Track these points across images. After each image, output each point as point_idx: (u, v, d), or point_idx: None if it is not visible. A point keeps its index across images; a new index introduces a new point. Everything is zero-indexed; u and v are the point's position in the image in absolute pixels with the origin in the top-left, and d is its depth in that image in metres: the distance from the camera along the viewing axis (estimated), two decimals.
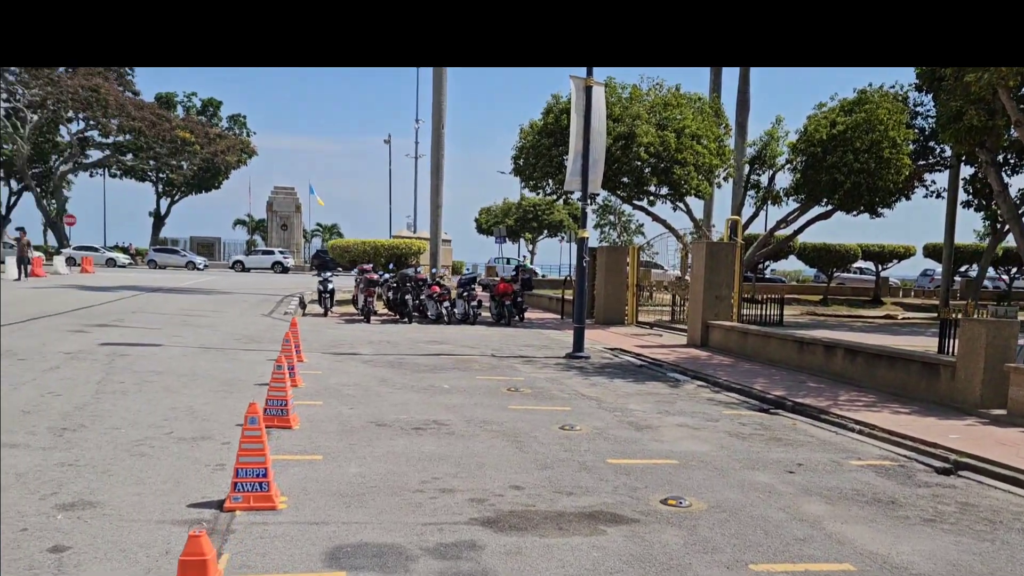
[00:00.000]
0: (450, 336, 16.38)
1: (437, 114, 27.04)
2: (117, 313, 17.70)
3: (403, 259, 25.41)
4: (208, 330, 15.31)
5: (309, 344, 13.72)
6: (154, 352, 11.75)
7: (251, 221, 73.74)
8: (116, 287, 26.82)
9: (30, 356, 10.70)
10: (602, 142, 14.07)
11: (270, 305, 22.47)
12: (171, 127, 62.61)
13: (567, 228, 58.50)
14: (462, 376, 10.97)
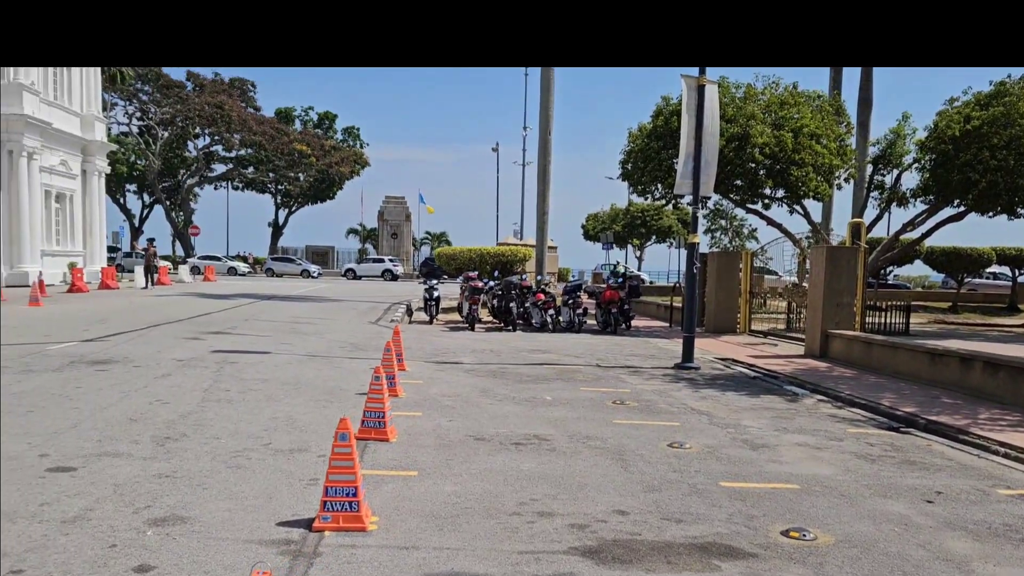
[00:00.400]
0: (554, 345, 16.04)
1: (544, 119, 26.82)
2: (232, 320, 18.24)
3: (509, 266, 25.27)
4: (315, 338, 15.51)
5: (412, 352, 13.65)
6: (261, 359, 11.92)
7: (363, 230, 75.69)
8: (234, 295, 27.82)
9: (145, 363, 11.01)
10: (715, 143, 13.44)
11: (377, 313, 22.73)
12: (289, 140, 65.07)
13: (676, 234, 57.22)
14: (565, 387, 10.60)
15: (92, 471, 5.66)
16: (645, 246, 65.15)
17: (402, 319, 21.45)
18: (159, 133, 62.60)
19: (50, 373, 9.82)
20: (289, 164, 66.00)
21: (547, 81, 26.92)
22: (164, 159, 63.25)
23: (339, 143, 73.29)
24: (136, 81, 61.11)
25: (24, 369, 10.06)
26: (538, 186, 26.66)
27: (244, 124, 63.10)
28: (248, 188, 70.22)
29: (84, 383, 9.22)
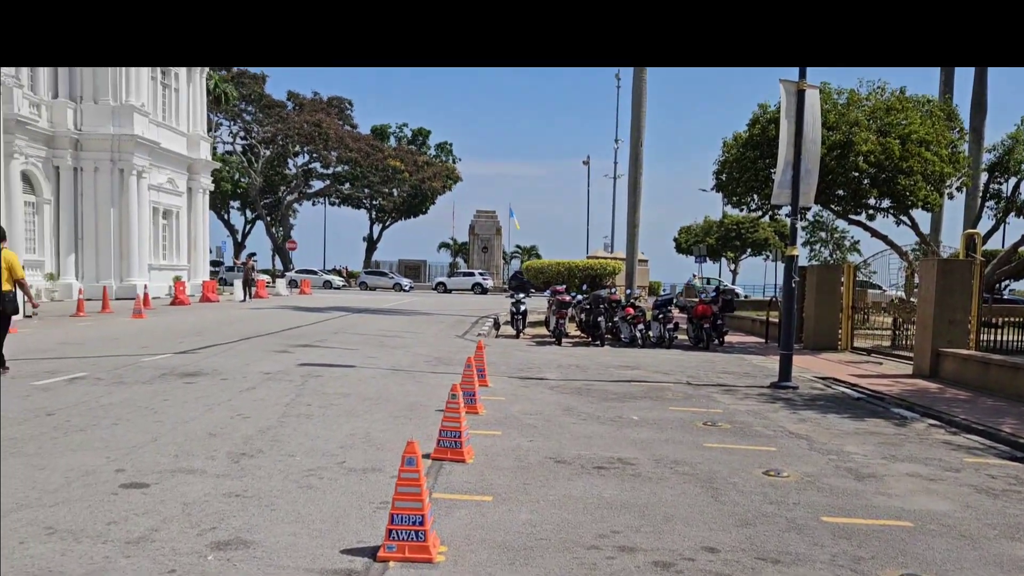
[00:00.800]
0: (643, 361, 15.53)
1: (636, 131, 26.32)
2: (321, 334, 18.45)
3: (597, 280, 24.85)
4: (401, 351, 15.48)
5: (496, 367, 13.41)
6: (346, 373, 11.89)
7: (454, 244, 76.48)
8: (326, 308, 28.32)
9: (232, 376, 11.12)
10: (816, 151, 12.72)
11: (465, 326, 22.66)
12: (383, 156, 66.43)
13: (772, 246, 55.50)
14: (653, 406, 10.13)
15: (164, 488, 5.59)
16: (740, 259, 63.43)
17: (488, 333, 21.30)
18: (261, 151, 64.89)
19: (141, 385, 10.00)
20: (383, 180, 67.35)
21: (639, 92, 26.42)
22: (265, 176, 65.50)
23: (432, 158, 74.37)
24: (240, 102, 63.55)
25: (117, 381, 10.28)
26: (629, 198, 26.14)
27: (341, 141, 64.76)
28: (344, 204, 72.01)
29: (171, 396, 9.33)
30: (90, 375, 10.60)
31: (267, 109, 64.14)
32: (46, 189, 31.13)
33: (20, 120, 28.15)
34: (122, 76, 32.44)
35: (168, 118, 37.66)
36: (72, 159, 31.82)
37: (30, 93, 29.82)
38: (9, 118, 27.55)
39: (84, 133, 31.78)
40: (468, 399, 9.02)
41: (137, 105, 32.80)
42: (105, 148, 32.29)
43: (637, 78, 26.63)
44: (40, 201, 31.06)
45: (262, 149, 65.10)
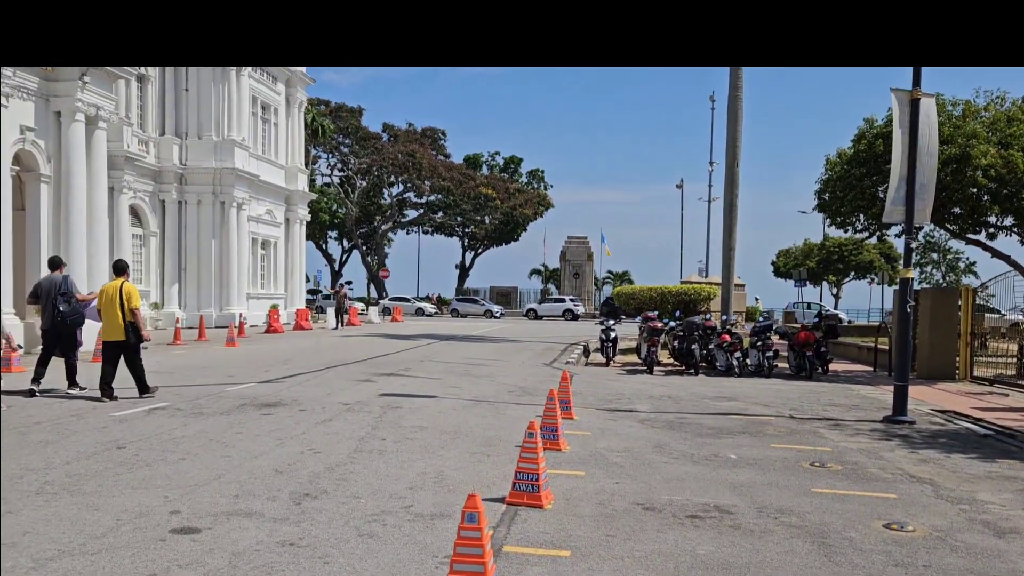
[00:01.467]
0: (741, 391, 14.57)
1: (731, 149, 25.34)
2: (407, 362, 18.20)
3: (691, 305, 23.87)
4: (486, 380, 15.01)
5: (583, 398, 12.77)
6: (426, 404, 11.48)
7: (545, 270, 76.15)
8: (415, 335, 28.25)
9: (311, 407, 10.86)
10: (932, 164, 11.65)
11: (553, 354, 22.07)
12: (475, 185, 66.93)
13: (878, 269, 52.86)
14: (753, 443, 9.29)
15: (216, 535, 5.21)
16: (842, 283, 60.69)
17: (578, 361, 20.65)
18: (357, 183, 66.38)
19: (218, 416, 9.83)
20: (475, 207, 67.78)
21: (734, 110, 25.48)
22: (361, 207, 66.90)
23: (523, 186, 74.51)
24: (337, 135, 65.25)
25: (196, 412, 10.16)
26: (724, 220, 25.12)
27: (434, 171, 65.59)
28: (437, 232, 72.85)
29: (246, 428, 9.09)
30: (171, 405, 10.53)
31: (363, 141, 65.63)
32: (152, 222, 32.33)
33: (129, 157, 29.34)
34: (224, 113, 33.55)
35: (267, 151, 38.76)
36: (177, 193, 33.00)
37: (139, 131, 31.13)
38: (118, 155, 28.79)
39: (188, 168, 32.96)
40: (550, 435, 8.44)
41: (238, 140, 33.83)
42: (207, 182, 33.40)
43: (732, 96, 25.69)
44: (147, 234, 32.27)
45: (358, 180, 66.58)
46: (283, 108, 40.49)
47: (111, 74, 20.71)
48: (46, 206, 19.28)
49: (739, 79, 25.72)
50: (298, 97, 41.46)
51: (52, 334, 11.46)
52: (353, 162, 66.67)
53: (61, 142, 19.45)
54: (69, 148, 19.43)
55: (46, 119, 19.29)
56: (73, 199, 19.49)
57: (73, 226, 19.48)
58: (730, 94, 25.85)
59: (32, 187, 19.22)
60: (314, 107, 59.77)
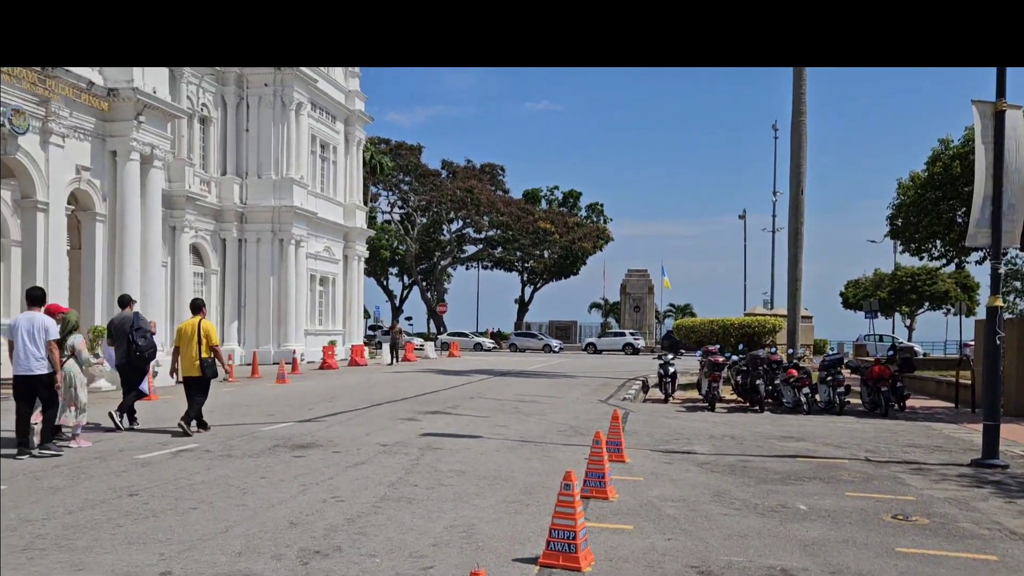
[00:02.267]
0: (810, 430, 13.52)
1: (795, 176, 24.29)
2: (456, 399, 17.61)
3: (755, 338, 22.73)
4: (536, 418, 14.29)
5: (638, 437, 11.94)
6: (468, 446, 10.82)
7: (605, 304, 75.09)
8: (469, 371, 27.67)
9: (346, 448, 10.31)
10: (1021, 181, 10.62)
11: (610, 390, 21.21)
12: (534, 219, 66.63)
13: (954, 299, 50.40)
14: (825, 491, 8.35)
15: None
16: (916, 314, 58.15)
17: (635, 397, 19.76)
18: (416, 219, 66.74)
19: (246, 459, 9.35)
20: (534, 242, 67.39)
21: (798, 135, 24.46)
22: (421, 243, 67.17)
23: (583, 219, 73.92)
24: (397, 172, 65.86)
25: (225, 454, 9.69)
26: (789, 250, 24.00)
27: (492, 206, 65.55)
28: (497, 267, 72.62)
29: (272, 472, 8.58)
30: (201, 447, 10.10)
31: (422, 178, 66.07)
32: (214, 260, 32.70)
33: (190, 196, 29.78)
34: (283, 151, 33.93)
35: (326, 189, 39.08)
36: (237, 231, 33.37)
37: (201, 171, 31.65)
38: (179, 195, 29.25)
39: (248, 206, 33.34)
40: (595, 482, 7.70)
41: (296, 178, 34.12)
42: (266, 220, 33.71)
43: (795, 121, 24.70)
44: (208, 272, 32.64)
45: (418, 217, 66.96)
46: (342, 146, 40.88)
47: (166, 114, 20.94)
48: (101, 244, 19.43)
49: (802, 103, 24.75)
50: (356, 135, 41.83)
51: (128, 369, 11.85)
52: (413, 199, 67.12)
53: (116, 181, 19.64)
54: (124, 187, 19.61)
55: (102, 158, 19.53)
56: (127, 237, 19.61)
57: (127, 264, 19.58)
58: (793, 119, 24.87)
59: (88, 226, 19.42)
60: (374, 145, 60.49)
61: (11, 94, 16.62)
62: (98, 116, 19.11)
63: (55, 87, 17.43)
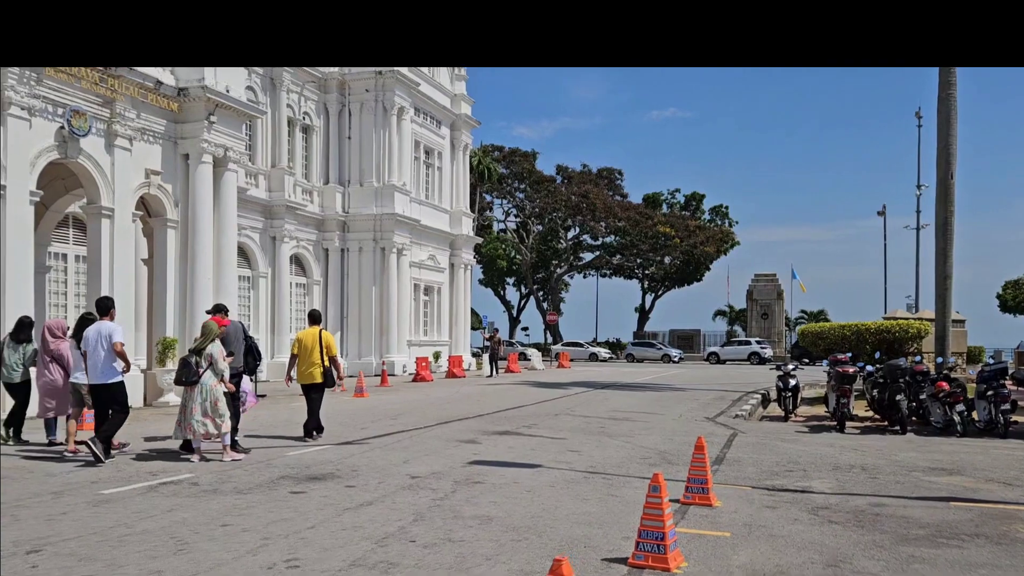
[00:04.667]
0: (967, 459, 10.65)
1: (943, 161, 20.87)
2: (538, 416, 15.57)
3: (896, 345, 19.50)
4: (619, 442, 12.05)
5: (740, 467, 9.58)
6: (517, 479, 8.77)
7: (731, 311, 71.04)
8: (570, 383, 25.55)
9: (366, 480, 8.48)
10: None
11: (722, 404, 18.60)
12: (653, 224, 63.75)
13: None
14: (996, 558, 5.81)
15: None
16: None
17: (751, 414, 17.14)
18: (532, 227, 65.22)
19: (231, 496, 7.64)
20: (653, 247, 64.47)
21: (946, 115, 21.05)
22: (538, 251, 65.57)
23: (705, 223, 70.27)
24: (512, 180, 64.62)
25: (212, 488, 7.99)
26: (936, 243, 20.61)
27: (609, 211, 63.17)
28: (615, 274, 70.03)
29: (248, 515, 6.85)
30: (191, 478, 8.48)
31: (536, 185, 64.51)
32: (316, 270, 32.10)
33: (290, 206, 29.22)
34: (385, 158, 33.01)
35: (431, 196, 38.01)
36: (339, 240, 32.68)
37: (303, 180, 31.12)
38: (279, 204, 28.72)
39: (350, 215, 32.58)
40: (652, 544, 5.52)
41: (398, 185, 33.14)
42: (368, 228, 32.83)
43: (943, 98, 21.29)
44: (310, 282, 32.05)
45: (533, 225, 65.45)
46: (447, 152, 39.74)
47: (240, 113, 20.03)
48: (173, 252, 18.64)
49: (951, 75, 21.40)
50: (463, 140, 40.62)
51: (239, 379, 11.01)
52: (527, 206, 65.68)
53: (189, 185, 18.84)
54: (196, 191, 18.77)
55: (173, 162, 18.76)
56: (199, 244, 18.73)
57: (199, 272, 18.69)
58: (940, 96, 21.48)
59: (159, 232, 18.66)
60: (487, 153, 59.41)
61: (72, 94, 15.97)
62: (168, 117, 18.34)
63: (119, 87, 16.71)
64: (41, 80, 15.36)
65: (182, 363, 9.92)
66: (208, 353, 9.84)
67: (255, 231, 28.14)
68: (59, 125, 15.82)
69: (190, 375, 9.75)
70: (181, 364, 9.95)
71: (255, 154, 28.48)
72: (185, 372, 9.79)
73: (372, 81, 33.14)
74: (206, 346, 9.84)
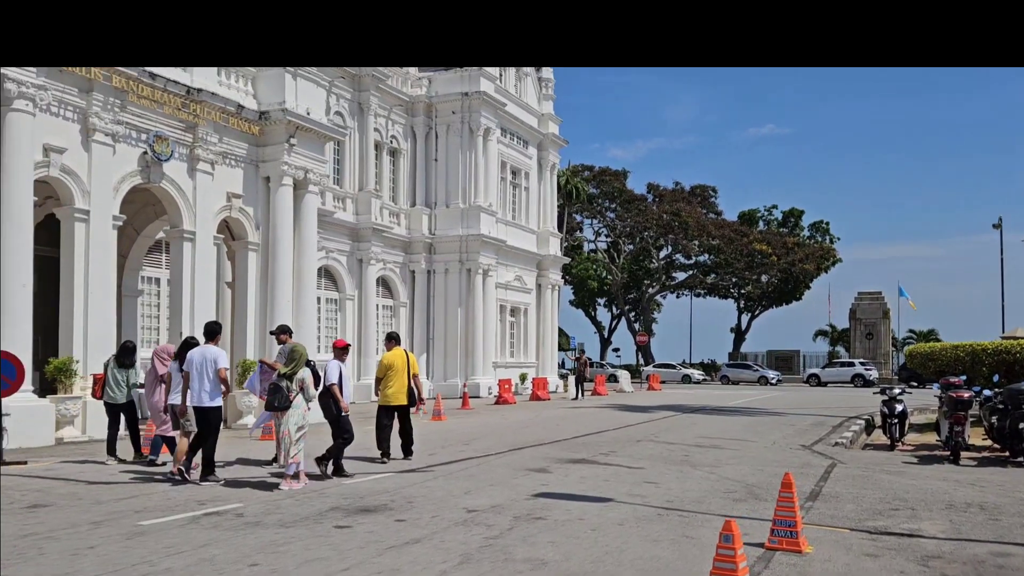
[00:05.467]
0: None
1: None
2: (617, 443, 14.71)
3: (1017, 367, 17.70)
4: (703, 472, 11.12)
5: (838, 504, 8.57)
6: (583, 514, 8.01)
7: (832, 331, 67.79)
8: (657, 406, 24.47)
9: (419, 514, 7.89)
10: None
11: (821, 431, 17.28)
12: (748, 241, 61.70)
13: None
14: None
15: None
16: None
17: (853, 441, 15.82)
18: (623, 247, 64.15)
19: (271, 530, 7.15)
20: (749, 265, 62.32)
21: None
22: (629, 271, 64.40)
23: (804, 240, 67.55)
24: (602, 199, 63.80)
25: (255, 521, 7.52)
26: None
27: (702, 229, 61.49)
28: (710, 294, 68.06)
29: (300, 546, 6.39)
30: (237, 509, 8.08)
31: (627, 204, 63.48)
32: (402, 292, 32.11)
33: (377, 228, 29.35)
34: (471, 179, 32.89)
35: (518, 217, 37.67)
36: (426, 262, 32.63)
37: (390, 203, 31.26)
38: (366, 227, 28.88)
39: (436, 237, 32.53)
40: None
41: (484, 205, 32.94)
42: (454, 249, 32.71)
43: None
44: (397, 304, 32.08)
45: (624, 244, 64.39)
46: (534, 171, 39.38)
47: (321, 135, 20.07)
48: (254, 274, 18.73)
49: None
50: (550, 160, 40.17)
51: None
52: (618, 226, 64.67)
53: (269, 208, 18.94)
54: (276, 214, 18.84)
55: (255, 185, 18.91)
56: (279, 266, 18.77)
57: (279, 294, 18.70)
58: None
59: (240, 255, 18.80)
60: (576, 174, 58.80)
61: (155, 120, 16.26)
62: (250, 141, 18.50)
63: (201, 112, 16.95)
64: (125, 106, 15.68)
65: (273, 388, 9.59)
66: (299, 378, 9.65)
67: (342, 254, 28.33)
68: (142, 151, 16.11)
69: (283, 400, 9.47)
70: (272, 389, 9.61)
71: (342, 178, 28.76)
72: (277, 397, 9.50)
73: (458, 103, 33.11)
74: (298, 371, 9.63)
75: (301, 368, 9.65)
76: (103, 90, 15.19)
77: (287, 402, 9.47)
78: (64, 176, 14.71)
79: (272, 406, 9.59)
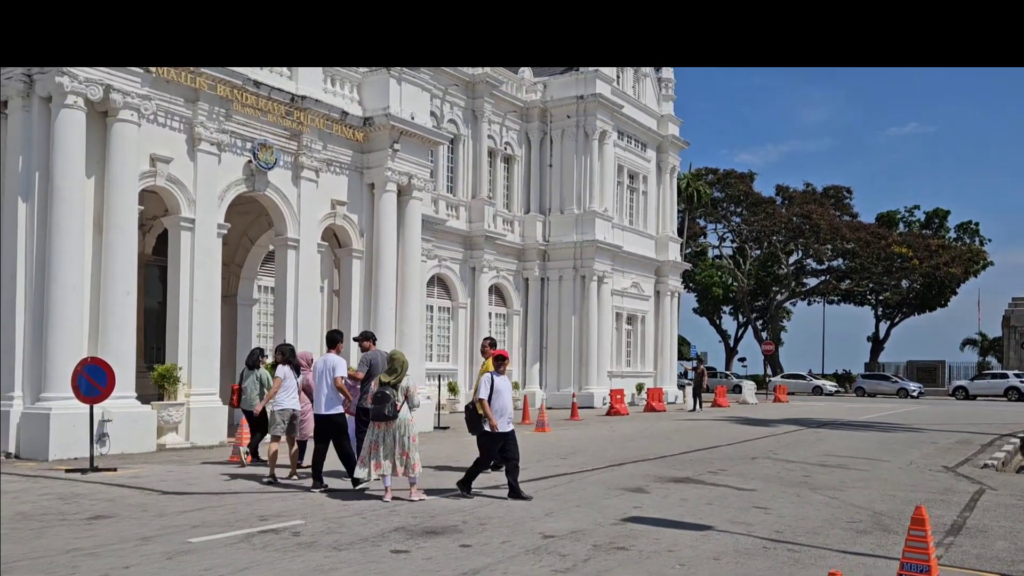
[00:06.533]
0: None
1: None
2: (730, 460, 13.51)
3: None
4: (824, 496, 9.87)
5: (986, 541, 7.27)
6: (673, 545, 7.06)
7: (983, 340, 62.53)
8: (780, 420, 22.82)
9: (488, 539, 7.14)
10: None
11: (967, 450, 15.43)
12: (887, 244, 57.85)
13: None
14: None
15: None
16: None
17: (1006, 463, 14.02)
18: (749, 252, 61.62)
19: (325, 552, 6.56)
20: (887, 270, 58.39)
21: None
22: (756, 278, 61.77)
23: (950, 242, 62.72)
24: (728, 204, 61.54)
25: (309, 541, 7.03)
26: None
27: (836, 232, 58.10)
28: (844, 301, 64.31)
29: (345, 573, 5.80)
30: (299, 525, 7.60)
31: (753, 207, 60.87)
32: (515, 300, 31.69)
33: (490, 236, 29.08)
34: (586, 184, 32.14)
35: (635, 222, 36.60)
36: (539, 270, 32.09)
37: (503, 210, 30.96)
38: (479, 235, 28.65)
39: (550, 243, 31.93)
40: None
41: (600, 211, 32.12)
42: (568, 256, 32.00)
43: None
44: (510, 312, 31.67)
45: (750, 250, 61.79)
46: (653, 175, 38.17)
47: (425, 140, 19.82)
48: (358, 282, 18.64)
49: None
50: (670, 163, 38.83)
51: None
52: (744, 230, 62.11)
53: (373, 215, 18.83)
54: (380, 221, 18.70)
55: (359, 192, 18.84)
56: (383, 273, 18.60)
57: (383, 301, 18.53)
58: None
59: (345, 262, 18.76)
60: (700, 176, 56.92)
61: (260, 128, 16.39)
62: (354, 148, 18.45)
63: (306, 119, 16.99)
64: (230, 115, 15.86)
65: (380, 396, 9.17)
66: (404, 387, 9.35)
67: (455, 262, 28.18)
68: (247, 159, 16.27)
69: (391, 410, 9.09)
70: (379, 397, 9.19)
71: (456, 186, 28.67)
72: (384, 406, 9.10)
73: (573, 107, 32.39)
74: (403, 379, 9.34)
75: (404, 376, 9.35)
76: (208, 99, 15.41)
77: (394, 412, 9.09)
78: (171, 185, 14.98)
79: (380, 416, 9.11)
